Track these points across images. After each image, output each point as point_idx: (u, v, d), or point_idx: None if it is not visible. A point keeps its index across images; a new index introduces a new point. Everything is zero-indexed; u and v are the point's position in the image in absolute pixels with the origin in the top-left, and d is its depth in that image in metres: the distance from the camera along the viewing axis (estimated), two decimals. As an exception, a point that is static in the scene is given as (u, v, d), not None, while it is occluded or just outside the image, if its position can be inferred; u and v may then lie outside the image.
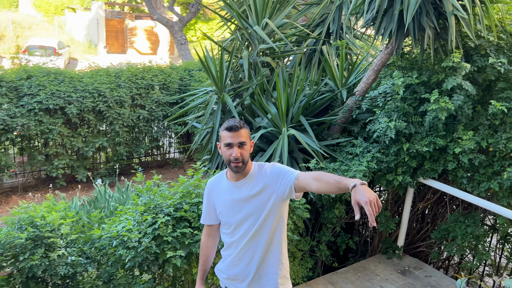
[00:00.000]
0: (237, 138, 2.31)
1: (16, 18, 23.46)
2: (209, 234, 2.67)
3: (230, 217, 2.47)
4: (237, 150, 2.30)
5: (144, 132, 8.42)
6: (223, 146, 2.35)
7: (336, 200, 4.30)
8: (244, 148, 2.33)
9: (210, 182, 2.58)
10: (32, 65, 7.55)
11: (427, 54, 4.26)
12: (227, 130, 2.33)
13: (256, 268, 2.48)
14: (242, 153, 2.32)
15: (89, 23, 24.34)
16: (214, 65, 4.81)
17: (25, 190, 7.46)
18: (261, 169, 2.43)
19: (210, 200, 2.55)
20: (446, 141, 4.07)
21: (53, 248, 3.03)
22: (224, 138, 2.34)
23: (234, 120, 2.37)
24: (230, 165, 2.35)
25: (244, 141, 2.33)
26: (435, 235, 4.63)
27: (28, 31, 23.15)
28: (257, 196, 2.39)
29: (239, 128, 2.32)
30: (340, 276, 4.55)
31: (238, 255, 2.49)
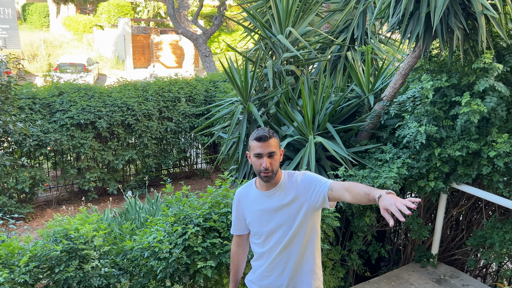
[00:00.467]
0: (266, 148, 2.30)
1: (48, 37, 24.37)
2: (239, 244, 2.65)
3: (261, 227, 2.45)
4: (267, 160, 2.29)
5: (172, 143, 8.53)
6: (252, 156, 2.34)
7: (367, 208, 4.23)
8: (274, 158, 2.32)
9: (239, 192, 2.56)
10: (63, 82, 7.79)
11: (456, 56, 4.16)
12: (257, 140, 2.31)
13: (289, 279, 2.45)
14: (272, 163, 2.31)
15: (117, 40, 25.00)
16: (238, 75, 4.84)
17: (59, 204, 7.66)
18: (292, 177, 2.41)
19: (240, 210, 2.54)
20: (480, 145, 3.95)
21: (87, 260, 3.09)
22: (253, 148, 2.33)
23: (264, 129, 2.35)
24: (260, 175, 2.34)
25: (273, 151, 2.31)
26: (471, 242, 4.48)
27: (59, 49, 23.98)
28: (288, 205, 2.37)
29: (269, 138, 2.31)
30: (372, 285, 4.45)
31: (270, 265, 2.47)
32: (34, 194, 7.32)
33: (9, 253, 2.98)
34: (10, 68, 5.77)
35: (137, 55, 25.49)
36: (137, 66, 25.35)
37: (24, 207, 6.97)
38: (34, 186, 7.13)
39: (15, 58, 5.81)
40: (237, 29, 28.47)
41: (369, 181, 3.94)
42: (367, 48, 4.68)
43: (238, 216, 2.56)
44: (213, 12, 28.95)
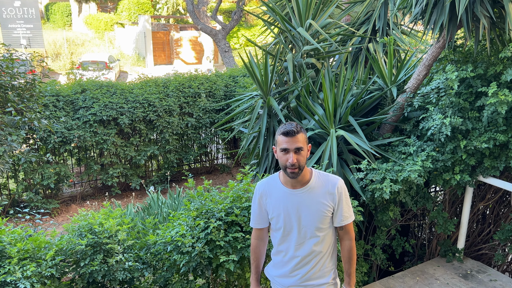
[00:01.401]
0: (293, 144, 2.24)
1: (70, 36, 24.81)
2: (260, 237, 2.63)
3: (285, 223, 2.42)
4: (293, 156, 2.23)
5: (193, 139, 8.58)
6: (279, 150, 2.29)
7: (390, 202, 4.16)
8: (301, 154, 2.26)
9: (261, 186, 2.50)
10: (86, 80, 7.91)
11: (482, 45, 4.04)
12: (284, 135, 2.25)
13: (308, 275, 2.46)
14: (299, 159, 2.25)
15: (137, 37, 25.27)
16: (258, 69, 4.82)
17: (83, 199, 7.81)
18: (327, 182, 2.40)
19: (262, 204, 2.49)
20: (508, 136, 3.83)
21: (111, 254, 3.13)
22: (280, 143, 2.27)
23: (291, 124, 2.29)
24: (286, 171, 2.29)
25: (301, 146, 2.25)
26: (499, 236, 4.36)
27: (81, 47, 24.40)
28: (315, 206, 2.36)
29: (296, 133, 2.24)
30: (397, 280, 4.38)
31: (290, 261, 2.46)
32: (59, 190, 7.48)
33: (36, 247, 3.05)
34: (34, 66, 5.88)
35: (157, 52, 25.71)
36: (157, 63, 25.58)
37: (50, 203, 7.13)
38: (59, 182, 7.28)
39: (39, 56, 5.91)
40: (256, 24, 28.41)
41: (393, 175, 3.88)
42: (389, 40, 4.58)
43: (260, 210, 2.52)
44: (232, 8, 28.95)
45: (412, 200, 4.34)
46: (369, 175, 3.96)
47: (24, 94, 5.10)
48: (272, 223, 2.50)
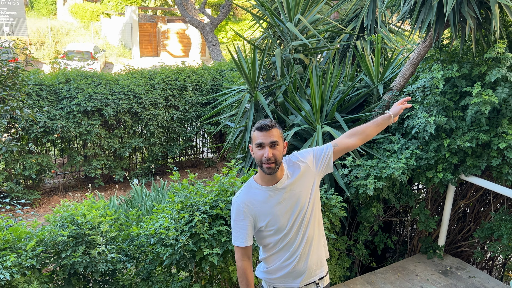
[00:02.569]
0: (268, 138, 2.22)
1: (55, 25, 24.35)
2: (248, 256, 2.38)
3: (281, 220, 2.33)
4: (269, 150, 2.20)
5: (178, 132, 8.53)
6: (254, 147, 2.26)
7: (374, 198, 4.20)
8: (277, 149, 2.23)
9: (242, 200, 2.34)
10: (70, 69, 7.78)
11: (467, 45, 4.09)
12: (258, 130, 2.24)
13: (311, 257, 2.43)
14: (275, 154, 2.22)
15: (123, 28, 24.94)
16: (246, 64, 4.80)
17: (65, 190, 7.70)
18: (290, 162, 2.40)
19: (251, 217, 2.33)
20: (490, 136, 3.90)
21: (93, 245, 3.10)
22: (255, 138, 2.25)
23: (265, 120, 2.28)
24: (262, 166, 2.24)
25: (276, 140, 2.23)
26: (479, 234, 4.45)
27: (66, 37, 23.97)
28: (298, 187, 2.35)
29: (271, 128, 2.23)
30: (378, 276, 4.44)
31: (294, 252, 2.38)
32: (41, 181, 7.36)
33: (16, 237, 3.00)
34: (17, 54, 5.76)
35: (144, 43, 25.43)
36: (144, 54, 25.30)
37: (31, 193, 7.02)
38: (41, 172, 7.16)
39: (23, 44, 5.79)
40: (244, 18, 28.29)
41: (377, 171, 3.91)
42: (377, 37, 4.61)
43: (250, 224, 2.34)
44: (221, 1, 28.77)
45: (395, 197, 4.39)
46: (354, 171, 3.99)
47: (6, 82, 4.99)
48: (267, 228, 2.35)
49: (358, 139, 2.49)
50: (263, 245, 2.45)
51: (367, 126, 2.52)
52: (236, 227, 2.36)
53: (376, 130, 2.53)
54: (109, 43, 25.23)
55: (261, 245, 2.47)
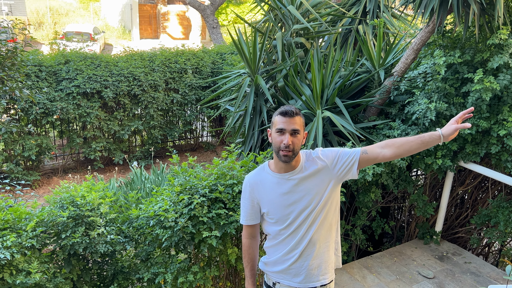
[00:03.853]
0: (290, 125, 2.14)
1: (54, 5, 24.08)
2: (253, 235, 2.43)
3: (284, 211, 2.26)
4: (289, 137, 2.13)
5: (178, 115, 8.51)
6: (274, 131, 2.17)
7: (372, 184, 4.22)
8: (297, 137, 2.15)
9: (250, 179, 2.35)
10: (69, 51, 7.72)
11: (470, 31, 4.06)
12: (281, 114, 2.15)
13: (314, 257, 2.31)
14: (294, 142, 2.14)
15: (123, 9, 24.67)
16: (247, 47, 4.76)
17: (65, 172, 7.72)
18: (310, 156, 2.27)
19: (254, 198, 2.33)
20: (490, 123, 3.90)
21: (93, 226, 3.12)
22: (276, 123, 2.17)
23: (290, 106, 2.18)
24: (279, 153, 2.16)
25: (298, 128, 2.14)
26: (476, 220, 4.48)
27: (65, 17, 23.73)
28: (311, 180, 2.23)
29: (295, 115, 2.15)
30: (375, 260, 4.48)
31: (293, 249, 2.31)
32: (41, 162, 7.37)
33: (16, 218, 3.01)
34: (16, 34, 5.70)
35: (143, 25, 25.18)
36: (143, 36, 25.08)
37: (31, 175, 7.03)
38: (40, 154, 7.17)
39: (21, 24, 5.73)
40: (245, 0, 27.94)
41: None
42: (379, 22, 4.57)
43: (252, 205, 2.35)
44: (222, -17, 28.38)
45: (394, 182, 4.40)
46: (353, 156, 3.99)
47: (5, 63, 4.96)
48: (269, 216, 2.31)
49: (393, 152, 2.18)
50: (266, 233, 2.41)
51: (409, 140, 2.17)
52: (241, 205, 2.41)
53: (419, 148, 2.16)
54: (109, 25, 25.00)
55: (264, 232, 2.42)
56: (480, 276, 4.25)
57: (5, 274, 2.80)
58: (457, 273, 4.29)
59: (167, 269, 3.21)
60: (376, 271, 4.29)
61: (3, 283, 2.85)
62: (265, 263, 2.45)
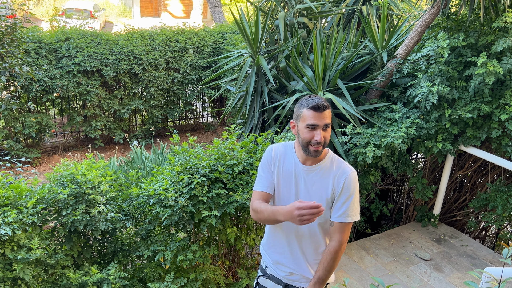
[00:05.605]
0: (323, 120, 2.03)
1: (53, -19, 23.69)
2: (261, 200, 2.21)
3: (288, 197, 2.21)
4: (321, 133, 2.03)
5: (178, 95, 8.47)
6: (304, 126, 2.06)
7: (372, 166, 4.23)
8: (327, 131, 2.07)
9: (277, 149, 2.24)
10: (69, 28, 7.63)
11: (475, 14, 4.00)
12: (313, 109, 2.03)
13: (299, 257, 2.28)
14: (325, 137, 2.06)
15: (124, -14, 24.30)
16: (249, 27, 4.70)
17: (65, 150, 7.73)
18: (339, 167, 2.16)
19: (273, 167, 2.22)
20: (492, 108, 3.88)
21: (93, 204, 3.14)
22: (307, 118, 2.04)
23: (319, 98, 2.06)
24: (308, 148, 2.07)
25: (329, 123, 2.06)
26: (474, 204, 4.51)
27: (64, -6, 23.36)
28: (319, 191, 2.16)
29: (326, 108, 2.04)
30: (373, 242, 4.53)
31: (285, 239, 2.28)
32: (41, 140, 7.38)
33: (17, 194, 3.03)
34: (15, 10, 5.63)
35: (144, 3, 24.83)
36: (144, 14, 24.77)
37: (31, 152, 7.05)
38: (40, 131, 7.17)
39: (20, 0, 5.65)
40: (247, -21, 27.48)
41: (377, 140, 3.92)
42: (383, 3, 4.50)
43: (270, 172, 2.22)
44: (224, -39, 27.87)
45: (394, 165, 4.41)
46: (354, 139, 3.99)
47: (4, 39, 4.91)
48: (276, 190, 2.24)
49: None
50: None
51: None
52: (259, 170, 2.24)
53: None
54: (109, 2, 24.65)
55: None
56: (477, 259, 4.30)
57: (6, 250, 2.83)
58: (453, 256, 4.34)
59: (167, 247, 3.25)
60: (373, 253, 4.33)
61: (5, 258, 2.88)
62: (262, 244, 2.45)
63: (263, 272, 2.45)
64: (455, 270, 4.12)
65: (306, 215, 1.82)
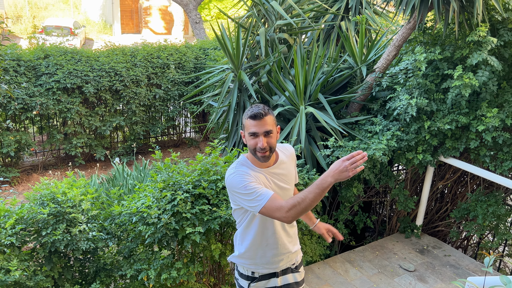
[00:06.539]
0: (262, 127, 2.14)
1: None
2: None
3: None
4: (263, 140, 2.14)
5: (160, 111, 8.43)
6: (247, 135, 2.18)
7: (354, 179, 4.26)
8: (271, 136, 2.17)
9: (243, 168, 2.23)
10: (49, 45, 7.56)
11: (450, 28, 4.12)
12: (251, 118, 2.15)
13: (292, 241, 2.47)
14: (269, 142, 2.16)
15: (104, 3, 24.28)
16: (230, 42, 4.74)
17: (45, 168, 7.58)
18: (286, 153, 2.41)
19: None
20: (469, 119, 3.97)
21: (74, 223, 3.08)
22: (248, 127, 2.17)
23: (258, 106, 2.17)
24: (256, 154, 2.19)
25: (270, 129, 2.15)
26: (455, 214, 4.57)
27: (44, 11, 23.24)
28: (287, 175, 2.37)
29: (264, 116, 2.14)
30: (357, 254, 4.54)
31: (279, 236, 2.37)
32: (20, 159, 7.23)
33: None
34: (-7, 27, 5.56)
35: (125, 19, 24.82)
36: (125, 31, 24.74)
37: (10, 171, 6.89)
38: (19, 150, 7.03)
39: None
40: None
41: (359, 152, 3.95)
42: (361, 18, 4.60)
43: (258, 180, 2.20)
44: (204, -22, 28.15)
45: (376, 177, 4.46)
46: (336, 152, 4.03)
47: (-19, 57, 4.83)
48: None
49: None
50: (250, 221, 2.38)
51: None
52: (252, 186, 2.12)
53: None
54: (90, 19, 24.59)
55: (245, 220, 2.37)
56: (459, 269, 4.35)
57: (-17, 273, 2.74)
58: (437, 266, 4.38)
59: (150, 266, 3.20)
60: (358, 265, 4.34)
61: (-18, 282, 2.79)
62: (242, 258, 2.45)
63: (250, 278, 2.46)
64: (439, 281, 4.16)
65: (355, 162, 1.94)
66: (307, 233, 4.17)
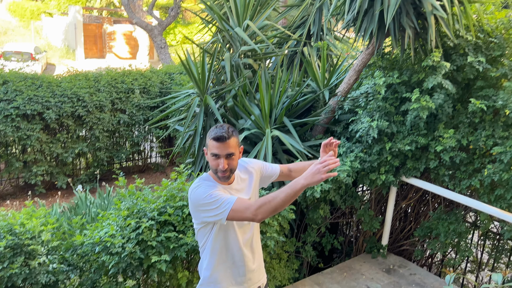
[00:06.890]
0: (224, 150, 2.18)
1: (-9, 23, 22.95)
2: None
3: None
4: (224, 162, 2.18)
5: (125, 136, 8.30)
6: (209, 155, 2.22)
7: (321, 201, 4.31)
8: (233, 159, 2.22)
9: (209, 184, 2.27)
10: (8, 71, 7.36)
11: (407, 54, 4.31)
12: (215, 140, 2.18)
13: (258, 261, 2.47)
14: (230, 164, 2.21)
15: (67, 28, 23.96)
16: (196, 67, 4.77)
17: (2, 198, 7.26)
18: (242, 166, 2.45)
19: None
20: (428, 140, 4.12)
21: (33, 256, 2.95)
22: (210, 148, 2.21)
23: (223, 127, 2.20)
24: (217, 174, 2.24)
25: (232, 152, 2.19)
26: (418, 233, 4.68)
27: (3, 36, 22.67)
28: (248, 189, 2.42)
29: (228, 139, 2.17)
30: (326, 276, 4.55)
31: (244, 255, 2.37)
32: (-25, 189, 6.90)
33: None
34: None
35: (88, 44, 24.54)
36: (88, 56, 24.42)
37: (-36, 202, 6.56)
38: (-25, 180, 6.72)
39: (-47, 42, 5.41)
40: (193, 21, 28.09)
41: (324, 175, 4.01)
42: (322, 44, 4.75)
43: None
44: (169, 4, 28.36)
45: (341, 199, 4.52)
46: (302, 174, 4.07)
47: None
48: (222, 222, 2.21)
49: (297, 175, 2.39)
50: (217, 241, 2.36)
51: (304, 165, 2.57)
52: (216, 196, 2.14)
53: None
54: (51, 44, 24.15)
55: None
56: (425, 287, 4.43)
57: None
58: (403, 285, 4.44)
59: (115, 297, 3.09)
60: (327, 287, 4.35)
61: None
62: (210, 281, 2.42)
63: None
64: (405, 299, 4.21)
65: (327, 165, 1.94)
66: (275, 257, 4.15)
